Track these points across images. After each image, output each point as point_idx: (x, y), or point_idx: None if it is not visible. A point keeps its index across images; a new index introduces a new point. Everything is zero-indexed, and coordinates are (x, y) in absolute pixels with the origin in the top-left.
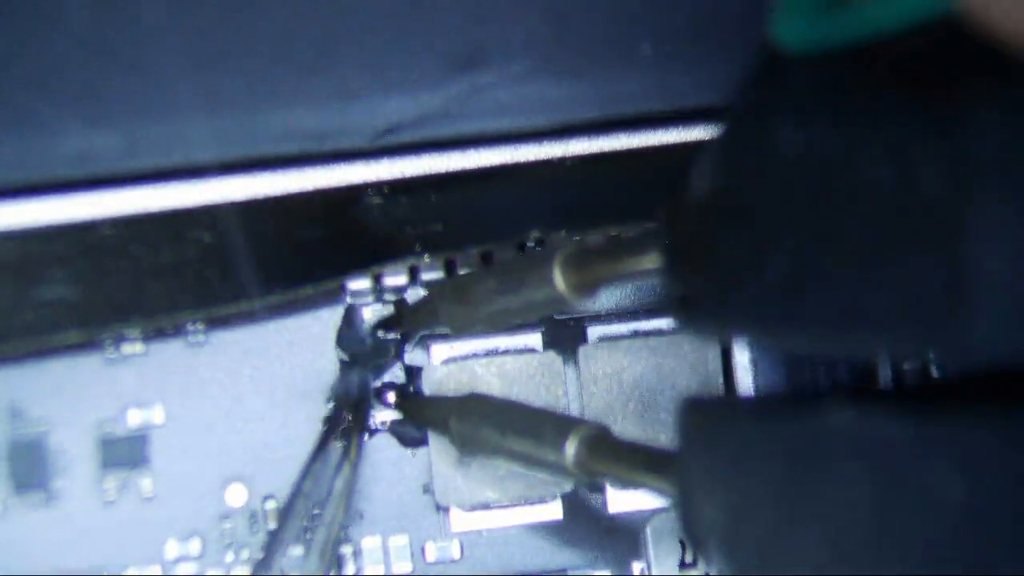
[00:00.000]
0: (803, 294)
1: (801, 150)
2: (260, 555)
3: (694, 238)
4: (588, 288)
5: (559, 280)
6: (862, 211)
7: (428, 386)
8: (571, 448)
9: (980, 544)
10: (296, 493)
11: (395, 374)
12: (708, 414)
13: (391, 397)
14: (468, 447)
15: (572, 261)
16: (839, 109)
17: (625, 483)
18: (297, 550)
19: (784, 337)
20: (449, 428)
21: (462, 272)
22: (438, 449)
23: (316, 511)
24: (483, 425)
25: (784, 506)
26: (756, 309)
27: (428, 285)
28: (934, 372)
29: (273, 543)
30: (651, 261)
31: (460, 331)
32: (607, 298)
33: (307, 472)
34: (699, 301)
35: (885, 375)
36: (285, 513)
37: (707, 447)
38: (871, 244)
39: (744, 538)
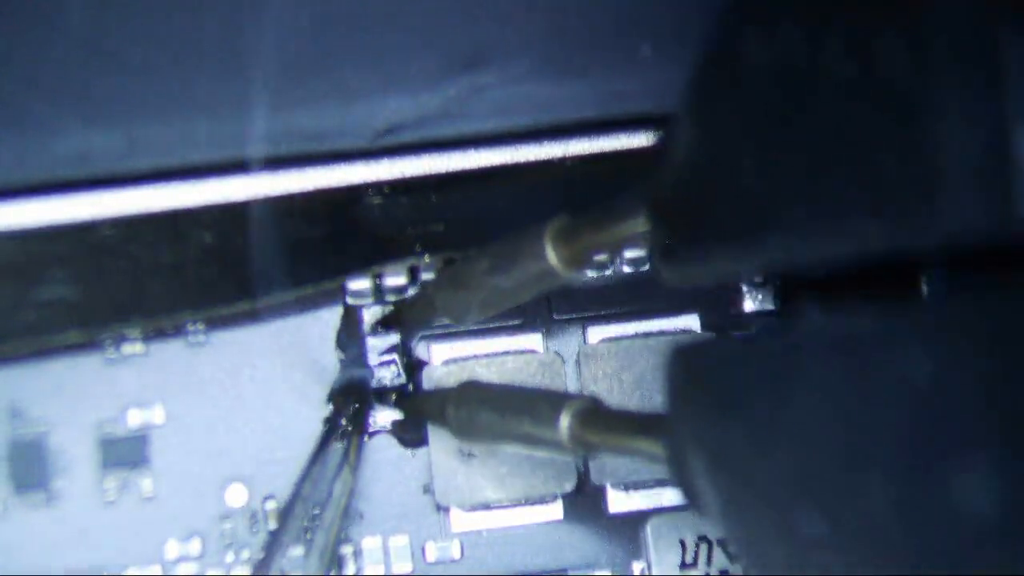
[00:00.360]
0: (776, 203)
1: (767, 59)
2: (260, 555)
3: (675, 187)
4: (579, 260)
5: (551, 253)
6: (828, 107)
7: (428, 386)
8: (565, 422)
9: (949, 418)
10: (296, 494)
11: (395, 374)
12: (694, 350)
13: (391, 397)
14: (467, 434)
15: (562, 234)
16: (803, 12)
17: (619, 452)
18: (297, 550)
19: (762, 253)
20: (447, 417)
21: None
22: (438, 449)
23: (316, 511)
24: (480, 409)
25: (761, 426)
26: (734, 231)
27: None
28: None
29: (273, 544)
30: (639, 224)
31: (457, 319)
32: (608, 298)
33: (307, 473)
34: (683, 242)
35: None
36: (285, 514)
37: (694, 379)
38: (839, 140)
39: (727, 471)
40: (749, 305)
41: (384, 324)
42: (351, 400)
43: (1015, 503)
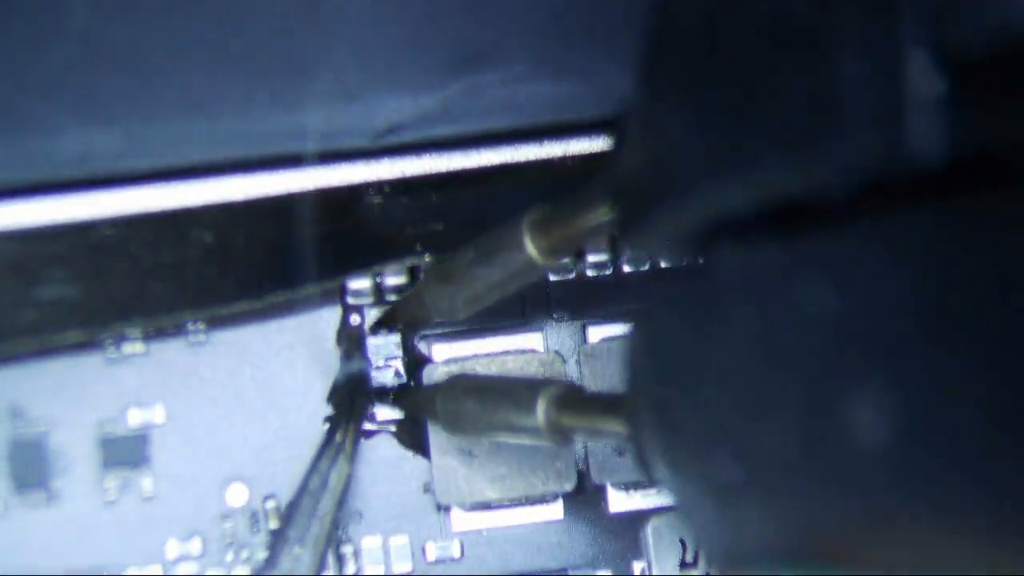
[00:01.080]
0: (699, 152)
1: (690, 16)
2: (260, 555)
3: (628, 169)
4: (557, 250)
5: (528, 244)
6: (740, 53)
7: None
8: (541, 408)
9: (853, 353)
10: (300, 496)
11: (395, 374)
12: (636, 324)
13: (390, 396)
14: (455, 426)
15: (538, 224)
16: None
17: (592, 436)
18: (298, 550)
19: (694, 208)
20: (436, 410)
21: None
22: (438, 448)
23: (316, 507)
24: (466, 400)
25: (689, 381)
26: (671, 192)
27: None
28: None
29: (278, 543)
30: (604, 213)
31: (447, 315)
32: (608, 298)
33: (311, 474)
34: (637, 214)
35: None
36: (289, 515)
37: (636, 351)
38: (751, 84)
39: (668, 435)
40: None
41: (382, 324)
42: (351, 399)
43: (912, 433)
